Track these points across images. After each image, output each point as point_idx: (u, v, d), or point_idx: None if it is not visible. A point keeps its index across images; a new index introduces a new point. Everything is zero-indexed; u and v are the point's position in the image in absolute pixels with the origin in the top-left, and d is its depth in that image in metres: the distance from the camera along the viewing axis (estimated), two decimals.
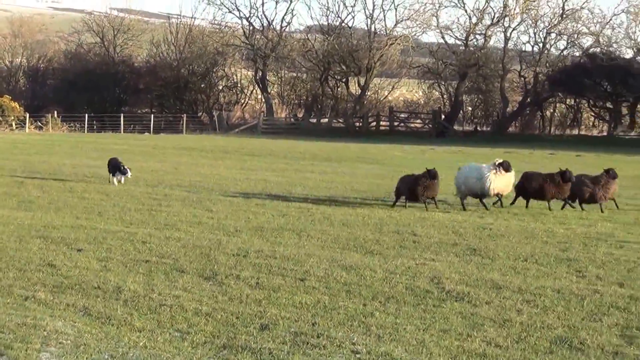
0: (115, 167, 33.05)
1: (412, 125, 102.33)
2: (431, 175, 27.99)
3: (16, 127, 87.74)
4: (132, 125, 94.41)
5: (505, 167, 28.24)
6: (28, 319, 12.29)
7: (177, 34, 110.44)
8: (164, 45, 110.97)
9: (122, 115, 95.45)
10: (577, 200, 29.33)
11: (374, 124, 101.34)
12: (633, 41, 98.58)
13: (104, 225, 22.30)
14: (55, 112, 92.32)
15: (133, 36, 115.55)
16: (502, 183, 28.04)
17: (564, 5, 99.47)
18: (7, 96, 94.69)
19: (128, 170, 33.20)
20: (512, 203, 30.43)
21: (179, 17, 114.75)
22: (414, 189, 27.83)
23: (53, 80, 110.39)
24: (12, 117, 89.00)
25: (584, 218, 25.85)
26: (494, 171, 27.95)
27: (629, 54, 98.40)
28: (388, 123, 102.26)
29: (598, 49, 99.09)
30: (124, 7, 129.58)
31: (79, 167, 43.08)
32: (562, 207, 27.88)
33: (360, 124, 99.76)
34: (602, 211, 27.79)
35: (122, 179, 33.24)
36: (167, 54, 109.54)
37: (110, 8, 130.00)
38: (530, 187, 29.49)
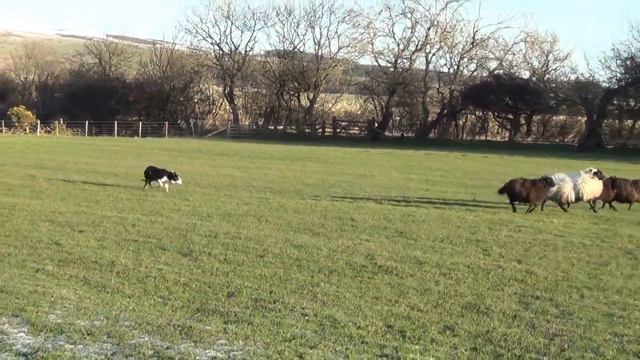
0: (154, 173, 30.36)
1: (351, 131, 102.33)
2: (548, 182, 26.62)
3: (29, 131, 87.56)
4: (124, 130, 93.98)
5: (599, 175, 27.06)
6: (38, 287, 12.36)
7: (161, 56, 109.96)
8: (150, 65, 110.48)
9: (115, 122, 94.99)
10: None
11: (320, 130, 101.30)
12: (529, 65, 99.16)
13: (100, 212, 22.25)
14: (61, 119, 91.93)
15: (125, 58, 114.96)
16: (595, 188, 26.58)
17: (474, 35, 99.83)
18: (22, 106, 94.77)
19: (178, 177, 30.40)
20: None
21: (162, 42, 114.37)
22: (531, 193, 26.12)
23: (59, 94, 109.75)
24: (26, 123, 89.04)
25: (491, 207, 25.93)
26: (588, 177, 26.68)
27: (526, 75, 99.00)
28: (332, 130, 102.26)
29: (501, 71, 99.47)
30: (118, 34, 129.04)
31: (80, 164, 42.81)
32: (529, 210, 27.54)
33: (309, 130, 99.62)
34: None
35: (166, 185, 29.90)
36: (152, 73, 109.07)
37: (106, 35, 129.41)
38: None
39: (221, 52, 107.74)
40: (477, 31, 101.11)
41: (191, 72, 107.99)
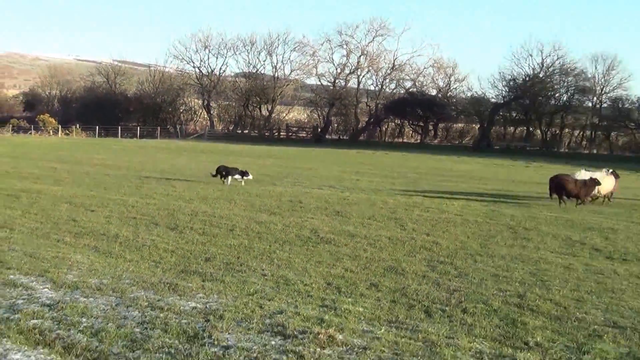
0: (226, 170, 28.74)
1: (300, 135, 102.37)
2: (595, 181, 25.48)
3: (52, 134, 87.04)
4: (125, 133, 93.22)
5: (615, 175, 26.35)
6: (59, 254, 12.26)
7: (154, 76, 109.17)
8: (145, 83, 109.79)
9: (119, 127, 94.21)
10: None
11: (276, 134, 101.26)
12: (436, 84, 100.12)
13: (107, 195, 22.06)
14: (77, 125, 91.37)
15: (126, 78, 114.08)
16: (609, 185, 25.81)
17: (394, 61, 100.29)
18: (47, 114, 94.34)
19: (248, 173, 29.12)
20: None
21: (155, 65, 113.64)
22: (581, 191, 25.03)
23: (76, 105, 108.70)
24: (50, 127, 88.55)
25: (406, 193, 26.00)
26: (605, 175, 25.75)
27: (433, 92, 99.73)
28: (285, 133, 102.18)
29: (415, 89, 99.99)
30: (121, 59, 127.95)
31: (92, 159, 42.46)
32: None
33: (268, 134, 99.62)
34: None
35: (239, 179, 28.44)
36: (148, 89, 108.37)
37: (112, 59, 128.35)
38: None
39: (201, 73, 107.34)
40: (396, 59, 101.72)
41: (177, 89, 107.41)
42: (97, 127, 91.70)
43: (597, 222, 19.49)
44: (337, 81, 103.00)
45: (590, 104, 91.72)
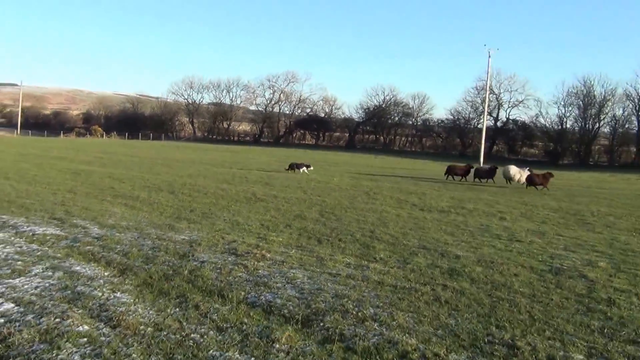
0: (296, 165, 26.62)
1: (246, 139, 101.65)
2: (470, 166, 26.01)
3: (99, 137, 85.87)
4: (143, 137, 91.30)
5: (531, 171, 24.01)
6: (103, 207, 11.90)
7: (161, 104, 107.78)
8: (156, 108, 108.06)
9: (139, 133, 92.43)
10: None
11: (232, 138, 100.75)
12: (324, 109, 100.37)
13: (132, 173, 21.53)
14: (114, 132, 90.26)
15: (144, 105, 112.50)
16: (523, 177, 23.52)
17: (300, 96, 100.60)
18: (96, 125, 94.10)
19: (310, 165, 27.09)
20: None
21: (161, 97, 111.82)
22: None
23: (113, 120, 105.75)
24: (98, 133, 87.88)
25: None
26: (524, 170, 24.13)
27: (322, 115, 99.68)
28: (237, 138, 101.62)
29: (312, 113, 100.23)
30: (141, 92, 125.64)
31: (123, 152, 41.45)
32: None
33: (228, 138, 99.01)
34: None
35: (306, 171, 26.08)
36: (156, 111, 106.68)
37: (136, 93, 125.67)
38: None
39: (188, 102, 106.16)
40: (301, 95, 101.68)
41: (174, 112, 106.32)
42: (126, 133, 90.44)
43: (415, 189, 19.85)
44: (267, 108, 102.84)
45: (410, 122, 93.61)
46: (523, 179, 23.37)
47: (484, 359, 4.53)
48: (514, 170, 24.18)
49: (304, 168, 26.57)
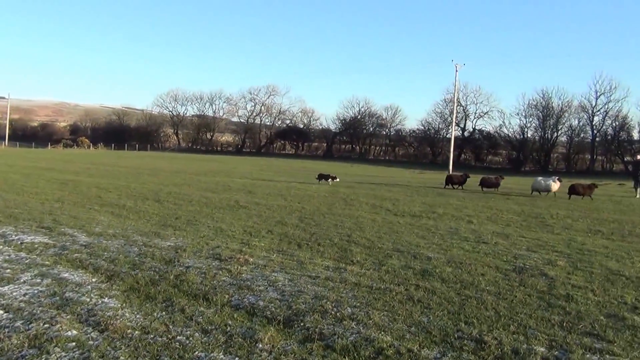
0: (323, 176, 25.96)
1: (229, 149, 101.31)
2: (467, 175, 25.75)
3: (87, 148, 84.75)
4: (129, 148, 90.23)
5: (560, 180, 22.60)
6: (90, 216, 11.72)
7: (147, 116, 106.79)
8: (141, 120, 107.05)
9: (126, 144, 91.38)
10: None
11: (218, 148, 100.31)
12: (302, 121, 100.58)
13: (119, 182, 21.26)
14: (101, 143, 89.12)
15: (129, 117, 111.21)
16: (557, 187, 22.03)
17: (280, 109, 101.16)
18: (83, 137, 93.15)
19: (337, 177, 26.25)
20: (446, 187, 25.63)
21: (147, 109, 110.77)
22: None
23: (100, 132, 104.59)
24: (85, 145, 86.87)
25: (287, 180, 26.00)
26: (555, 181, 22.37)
27: (301, 126, 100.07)
28: (220, 148, 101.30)
29: (291, 124, 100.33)
30: (127, 105, 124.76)
31: (110, 162, 40.89)
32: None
33: (212, 148, 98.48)
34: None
35: (331, 182, 25.26)
36: (142, 122, 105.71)
37: (122, 105, 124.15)
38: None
39: (172, 114, 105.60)
40: (281, 107, 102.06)
41: (159, 123, 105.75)
42: (113, 144, 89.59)
43: (389, 195, 19.96)
44: (248, 120, 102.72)
45: (384, 133, 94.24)
46: (554, 188, 22.12)
47: (454, 354, 4.57)
48: (545, 182, 22.65)
49: (330, 180, 25.67)
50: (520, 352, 4.62)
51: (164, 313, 5.38)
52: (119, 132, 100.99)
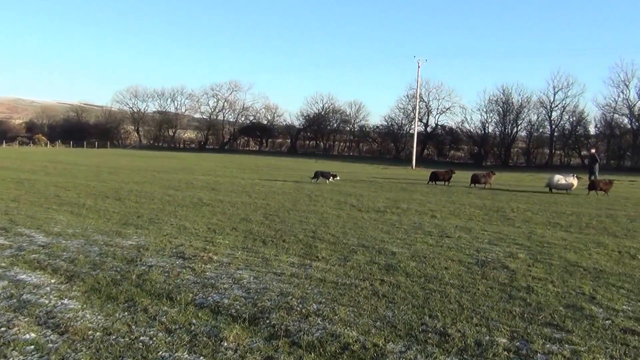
0: (322, 174, 24.37)
1: (192, 146, 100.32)
2: (453, 171, 25.53)
3: (44, 146, 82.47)
4: (88, 145, 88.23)
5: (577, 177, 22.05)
6: (48, 216, 11.42)
7: (106, 112, 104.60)
8: (100, 117, 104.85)
9: (84, 142, 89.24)
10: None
11: (180, 145, 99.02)
12: (266, 118, 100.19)
13: (78, 181, 20.79)
14: (59, 140, 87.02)
15: (88, 113, 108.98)
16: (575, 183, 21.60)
17: (244, 104, 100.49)
18: (40, 134, 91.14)
19: (337, 175, 25.02)
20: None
21: (106, 106, 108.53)
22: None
23: (58, 129, 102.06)
24: (42, 142, 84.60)
25: (251, 177, 25.88)
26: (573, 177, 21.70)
27: (265, 122, 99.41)
28: (183, 145, 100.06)
29: (255, 120, 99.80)
30: (85, 101, 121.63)
31: (68, 160, 39.86)
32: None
33: (173, 145, 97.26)
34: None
35: (332, 180, 23.98)
36: (101, 120, 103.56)
37: (80, 102, 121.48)
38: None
39: (133, 111, 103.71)
40: (244, 104, 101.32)
41: (119, 120, 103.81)
42: (71, 142, 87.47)
43: (353, 191, 20.06)
44: (211, 116, 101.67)
45: (348, 129, 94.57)
46: (575, 184, 21.73)
47: (418, 347, 4.63)
48: (557, 177, 22.28)
49: (332, 177, 24.29)
50: (482, 344, 4.71)
51: (126, 313, 5.29)
52: (78, 129, 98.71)
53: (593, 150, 28.11)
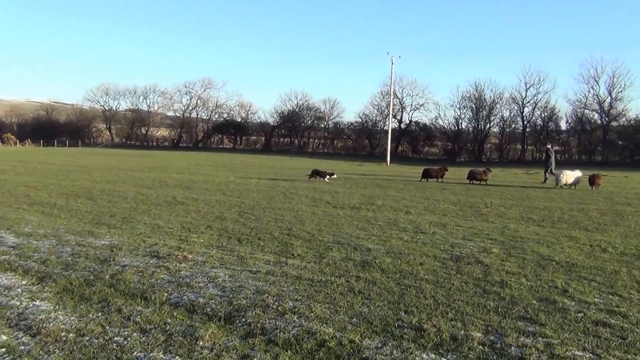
0: (318, 172, 23.76)
1: (165, 144, 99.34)
2: (445, 169, 25.23)
3: (14, 145, 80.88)
4: (59, 144, 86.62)
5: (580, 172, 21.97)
6: (18, 216, 11.18)
7: (77, 111, 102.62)
8: (71, 115, 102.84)
9: (55, 140, 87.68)
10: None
11: (153, 143, 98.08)
12: (240, 115, 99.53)
13: (49, 181, 20.38)
14: (29, 139, 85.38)
15: (59, 112, 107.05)
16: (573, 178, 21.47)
17: (217, 102, 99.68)
18: (9, 133, 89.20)
19: (334, 173, 24.34)
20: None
21: (77, 104, 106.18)
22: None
23: (28, 128, 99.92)
24: (12, 141, 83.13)
25: (225, 175, 25.70)
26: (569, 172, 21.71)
27: (239, 119, 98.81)
28: (156, 143, 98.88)
29: (229, 118, 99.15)
30: (55, 100, 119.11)
31: (39, 160, 39.04)
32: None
33: (147, 144, 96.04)
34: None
35: (328, 179, 23.31)
36: (72, 118, 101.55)
37: (50, 100, 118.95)
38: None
39: (104, 109, 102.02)
40: (218, 101, 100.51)
41: (91, 118, 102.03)
42: (41, 141, 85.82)
43: (328, 188, 20.07)
44: (184, 114, 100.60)
45: (322, 126, 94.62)
46: (570, 180, 21.68)
47: (394, 342, 4.68)
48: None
49: (328, 177, 23.72)
50: (458, 338, 4.79)
51: (100, 314, 5.22)
52: (48, 128, 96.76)
53: (549, 146, 28.52)
